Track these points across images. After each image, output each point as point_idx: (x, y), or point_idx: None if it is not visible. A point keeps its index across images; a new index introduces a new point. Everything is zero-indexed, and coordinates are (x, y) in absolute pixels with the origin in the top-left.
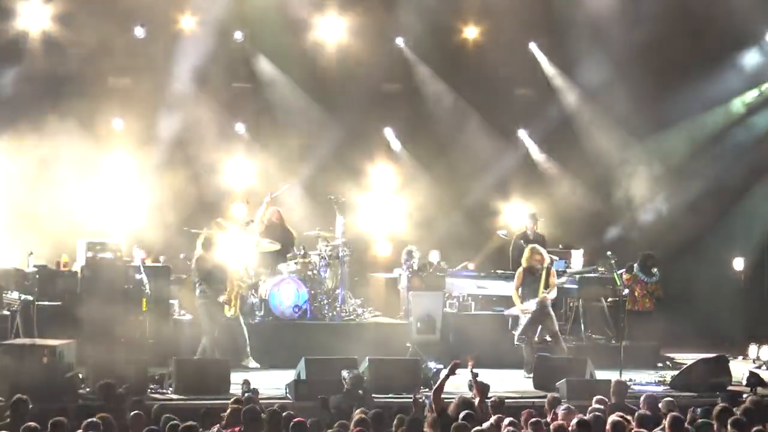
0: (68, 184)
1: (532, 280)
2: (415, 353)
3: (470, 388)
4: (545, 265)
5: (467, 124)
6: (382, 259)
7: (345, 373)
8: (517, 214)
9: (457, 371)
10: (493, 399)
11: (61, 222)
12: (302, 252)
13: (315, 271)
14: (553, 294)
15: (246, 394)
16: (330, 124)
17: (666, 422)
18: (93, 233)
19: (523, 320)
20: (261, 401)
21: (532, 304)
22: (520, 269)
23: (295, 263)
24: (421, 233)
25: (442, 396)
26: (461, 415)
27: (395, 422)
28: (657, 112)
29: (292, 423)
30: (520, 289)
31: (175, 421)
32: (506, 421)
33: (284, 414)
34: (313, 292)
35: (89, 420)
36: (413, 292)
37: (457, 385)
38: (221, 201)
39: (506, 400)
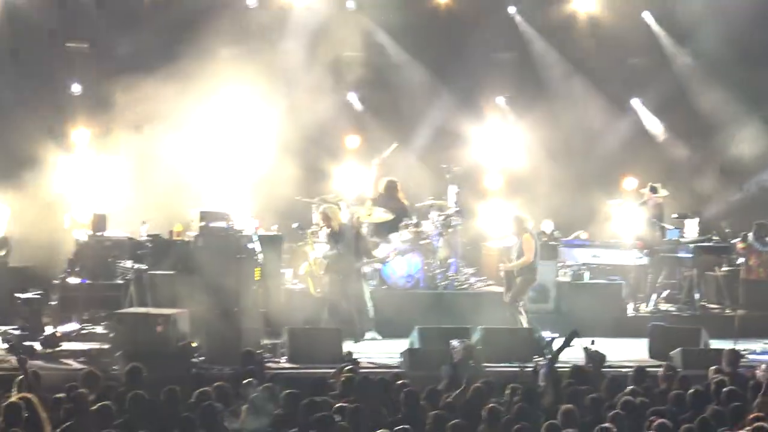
0: (181, 153)
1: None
2: (529, 323)
3: (586, 357)
4: (516, 235)
5: (579, 93)
6: (494, 228)
7: (455, 343)
8: (629, 184)
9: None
10: (636, 367)
11: (175, 191)
12: (415, 221)
13: (428, 240)
14: (511, 266)
15: (349, 362)
16: (442, 92)
17: None
18: (206, 202)
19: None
20: (375, 370)
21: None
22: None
23: (408, 232)
24: (533, 202)
25: (558, 366)
26: (570, 383)
27: (507, 392)
28: None
29: (404, 392)
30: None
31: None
32: (628, 389)
33: (397, 383)
34: (426, 261)
35: (202, 389)
36: None
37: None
38: (333, 170)
39: (621, 370)
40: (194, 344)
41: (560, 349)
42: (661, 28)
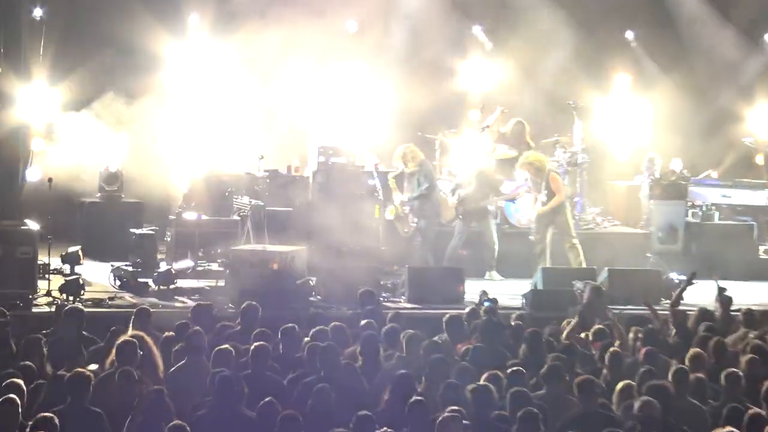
0: (302, 87)
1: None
2: (656, 264)
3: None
4: (536, 177)
5: (710, 28)
6: (621, 167)
7: (578, 284)
8: (763, 121)
9: (695, 281)
10: (744, 310)
11: (294, 126)
12: None
13: None
14: (545, 208)
15: (486, 303)
16: (570, 26)
17: None
18: (326, 137)
19: None
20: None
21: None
22: None
23: None
24: (662, 140)
25: (684, 308)
26: (701, 327)
27: (631, 335)
28: None
29: (527, 334)
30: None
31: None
32: (752, 334)
33: (519, 324)
34: None
35: (319, 327)
36: (654, 200)
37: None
38: (456, 106)
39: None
40: (312, 283)
41: (681, 291)
42: None
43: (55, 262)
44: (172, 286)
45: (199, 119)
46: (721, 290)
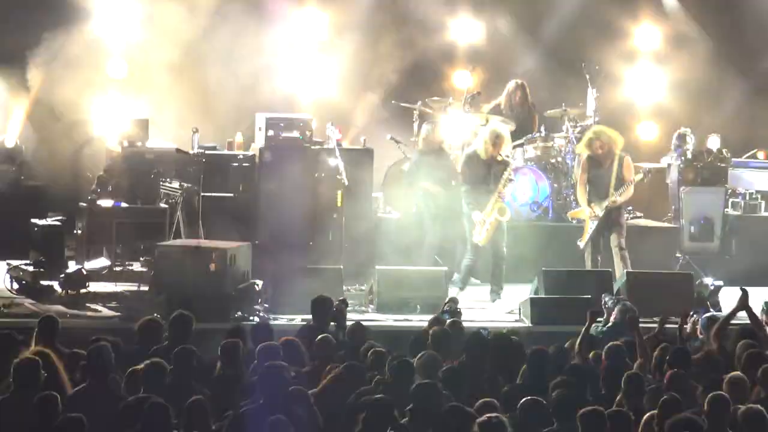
0: (246, 45)
1: (597, 174)
2: (687, 266)
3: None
4: (615, 152)
5: None
6: (645, 145)
7: (608, 299)
8: None
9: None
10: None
11: (236, 92)
12: (543, 133)
13: (560, 159)
14: (626, 196)
15: (443, 315)
16: None
17: None
18: (276, 107)
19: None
20: (488, 325)
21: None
22: (584, 157)
23: (534, 148)
24: (697, 112)
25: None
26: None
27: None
28: None
29: (529, 353)
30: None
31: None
32: None
33: (515, 342)
34: (556, 185)
35: (266, 344)
36: (686, 187)
37: None
38: (440, 67)
39: None
40: (257, 287)
41: (732, 314)
42: None
43: None
44: (83, 291)
45: (118, 82)
46: None
